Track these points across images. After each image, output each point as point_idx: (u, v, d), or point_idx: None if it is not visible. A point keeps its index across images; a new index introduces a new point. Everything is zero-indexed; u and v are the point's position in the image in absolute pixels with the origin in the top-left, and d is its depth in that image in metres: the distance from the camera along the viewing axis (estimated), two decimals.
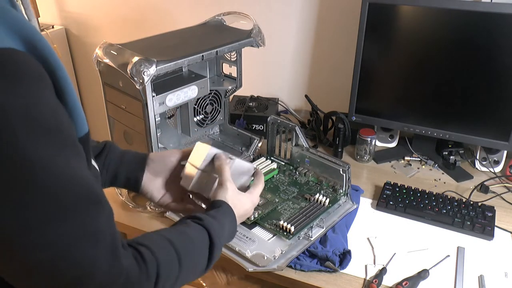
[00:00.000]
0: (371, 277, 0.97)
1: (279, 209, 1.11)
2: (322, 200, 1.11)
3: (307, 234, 1.04)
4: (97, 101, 2.22)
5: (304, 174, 1.24)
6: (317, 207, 1.10)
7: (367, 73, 1.36)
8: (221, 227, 0.74)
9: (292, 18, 1.63)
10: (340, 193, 1.15)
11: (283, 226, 1.02)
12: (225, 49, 1.16)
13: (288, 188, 1.20)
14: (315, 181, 1.22)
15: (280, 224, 1.03)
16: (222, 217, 0.77)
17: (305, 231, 1.04)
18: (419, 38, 1.27)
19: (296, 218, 1.07)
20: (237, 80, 1.33)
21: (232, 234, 0.80)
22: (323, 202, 1.11)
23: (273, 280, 1.00)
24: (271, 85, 1.76)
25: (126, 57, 1.01)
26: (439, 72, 1.28)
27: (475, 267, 1.00)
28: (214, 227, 0.72)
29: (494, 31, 1.18)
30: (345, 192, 1.15)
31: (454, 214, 1.13)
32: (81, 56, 2.15)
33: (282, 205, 1.13)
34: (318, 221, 1.07)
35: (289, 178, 1.24)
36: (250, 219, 1.06)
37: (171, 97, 1.13)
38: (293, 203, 1.14)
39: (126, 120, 1.13)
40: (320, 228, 1.06)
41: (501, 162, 1.36)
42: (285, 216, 1.09)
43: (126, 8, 1.91)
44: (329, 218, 1.10)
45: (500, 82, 1.22)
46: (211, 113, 1.37)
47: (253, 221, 1.07)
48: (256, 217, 1.07)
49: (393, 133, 1.49)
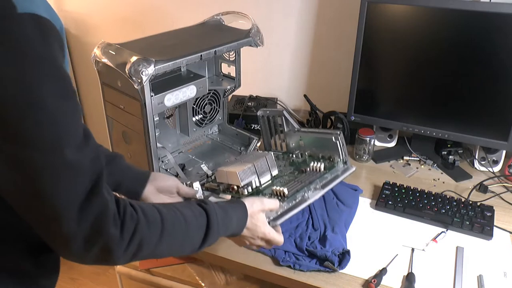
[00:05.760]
0: (370, 277, 0.97)
1: (275, 183, 1.07)
2: (317, 167, 1.07)
3: (304, 196, 0.99)
4: (95, 101, 2.22)
5: (300, 155, 1.21)
6: (313, 174, 1.07)
7: (366, 73, 1.36)
8: (226, 217, 0.78)
9: (291, 18, 1.62)
10: (337, 161, 1.11)
11: (277, 191, 0.99)
12: (223, 48, 1.16)
13: (284, 168, 1.16)
14: (312, 158, 1.18)
15: (274, 190, 0.99)
16: (231, 211, 0.80)
17: (301, 193, 0.99)
18: (418, 38, 1.27)
19: (291, 183, 1.03)
20: (236, 79, 1.32)
21: (235, 230, 0.82)
22: (319, 168, 1.07)
23: (273, 280, 1.00)
24: (270, 84, 1.76)
25: (125, 57, 1.01)
26: (438, 71, 1.28)
27: (474, 267, 1.00)
28: (217, 213, 0.76)
29: (493, 31, 1.18)
30: (343, 160, 1.10)
31: (453, 214, 1.13)
32: (80, 55, 2.15)
33: (277, 180, 1.09)
34: (314, 184, 1.03)
35: (286, 161, 1.20)
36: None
37: (170, 97, 1.13)
38: (289, 176, 1.10)
39: (125, 120, 1.13)
40: (317, 191, 1.01)
41: (500, 161, 1.36)
42: (280, 184, 1.05)
43: (125, 8, 1.90)
44: (327, 182, 1.05)
45: (499, 81, 1.22)
46: (209, 113, 1.37)
47: (249, 194, 1.03)
48: (250, 191, 1.03)
49: (392, 132, 1.49)
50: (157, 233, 0.66)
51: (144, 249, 0.65)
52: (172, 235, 0.69)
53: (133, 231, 0.63)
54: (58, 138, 0.55)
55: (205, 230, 0.74)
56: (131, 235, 0.62)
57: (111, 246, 0.61)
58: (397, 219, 1.15)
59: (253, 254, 1.04)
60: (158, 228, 0.67)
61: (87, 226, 0.58)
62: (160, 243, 0.67)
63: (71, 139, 0.57)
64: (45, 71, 0.54)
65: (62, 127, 0.56)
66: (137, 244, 0.63)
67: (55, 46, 0.56)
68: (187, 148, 1.35)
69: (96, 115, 2.30)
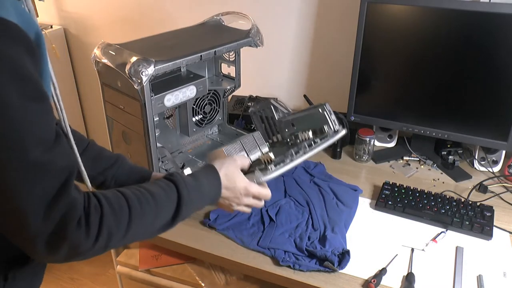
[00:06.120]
0: (369, 277, 0.97)
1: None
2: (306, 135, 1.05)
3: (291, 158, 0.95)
4: (95, 101, 2.22)
5: (293, 137, 1.16)
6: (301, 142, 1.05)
7: (365, 73, 1.36)
8: (196, 183, 0.78)
9: (291, 18, 1.62)
10: (327, 130, 1.07)
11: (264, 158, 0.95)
12: (223, 49, 1.16)
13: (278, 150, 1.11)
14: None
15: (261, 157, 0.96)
16: (201, 175, 0.81)
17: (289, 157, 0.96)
18: (418, 38, 1.27)
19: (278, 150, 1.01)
20: (236, 80, 1.32)
21: (211, 193, 0.82)
22: (307, 136, 1.05)
23: (272, 280, 1.00)
24: (269, 85, 1.76)
25: (124, 57, 1.01)
26: (438, 72, 1.28)
27: (473, 267, 1.00)
28: (185, 181, 0.76)
29: (492, 31, 1.18)
30: (334, 128, 1.06)
31: (452, 214, 1.13)
32: (80, 56, 2.15)
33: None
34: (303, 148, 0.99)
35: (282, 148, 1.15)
36: None
37: (170, 97, 1.13)
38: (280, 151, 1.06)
39: (125, 120, 1.13)
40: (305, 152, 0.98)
41: (500, 162, 1.36)
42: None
43: (125, 8, 1.90)
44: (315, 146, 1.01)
45: (499, 82, 1.22)
46: (209, 113, 1.37)
47: None
48: None
49: (392, 133, 1.49)
50: (125, 219, 0.67)
51: (115, 239, 0.65)
52: (141, 216, 0.69)
53: (99, 225, 0.63)
54: (23, 138, 0.56)
55: (176, 200, 0.74)
56: (98, 230, 0.63)
57: (78, 244, 0.61)
58: (397, 219, 1.15)
59: (253, 254, 1.04)
60: (125, 214, 0.67)
61: (52, 226, 0.59)
62: (130, 228, 0.67)
63: (39, 139, 0.57)
64: (8, 71, 0.54)
65: (28, 127, 0.56)
66: (106, 236, 0.64)
67: (20, 49, 0.56)
68: (187, 148, 1.35)
69: (96, 115, 2.30)
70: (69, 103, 2.19)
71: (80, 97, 2.28)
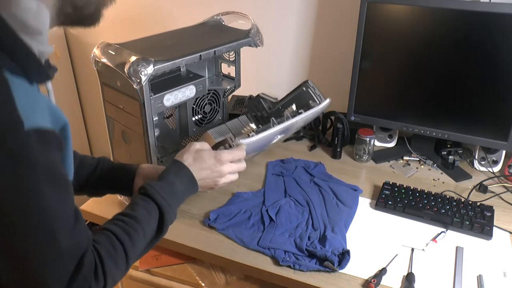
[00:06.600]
0: (369, 277, 0.97)
1: None
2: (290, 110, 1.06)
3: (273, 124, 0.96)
4: (95, 101, 2.22)
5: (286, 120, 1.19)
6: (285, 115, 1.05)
7: (366, 73, 1.36)
8: (169, 187, 0.80)
9: (291, 18, 1.62)
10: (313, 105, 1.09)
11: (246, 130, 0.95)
12: (223, 49, 1.16)
13: None
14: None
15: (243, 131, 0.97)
16: (171, 176, 0.83)
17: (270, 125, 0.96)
18: (418, 38, 1.27)
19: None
20: (236, 80, 1.32)
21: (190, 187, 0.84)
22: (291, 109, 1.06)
23: (273, 280, 1.00)
24: (269, 84, 1.76)
25: (124, 57, 1.01)
26: (438, 72, 1.28)
27: (473, 267, 1.00)
28: (159, 192, 0.78)
29: (492, 31, 1.17)
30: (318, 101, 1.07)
31: (453, 214, 1.13)
32: (80, 55, 2.15)
33: None
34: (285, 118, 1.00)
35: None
36: None
37: (169, 97, 1.13)
38: None
39: (124, 120, 1.13)
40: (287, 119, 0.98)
41: (500, 161, 1.35)
42: None
43: (125, 8, 1.90)
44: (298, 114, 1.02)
45: (499, 82, 1.22)
46: (209, 113, 1.37)
47: None
48: None
49: (392, 133, 1.49)
50: (122, 257, 0.69)
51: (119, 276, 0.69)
52: (134, 245, 0.72)
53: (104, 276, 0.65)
54: (52, 230, 0.58)
55: (158, 213, 0.77)
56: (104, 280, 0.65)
57: None
58: (397, 219, 1.15)
59: (253, 254, 1.04)
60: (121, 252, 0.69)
61: None
62: (129, 259, 0.70)
63: (64, 226, 0.60)
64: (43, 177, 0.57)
65: (57, 218, 0.59)
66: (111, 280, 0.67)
67: (54, 151, 0.60)
68: None
69: (96, 115, 2.30)
70: (69, 103, 2.19)
71: (80, 97, 2.28)
